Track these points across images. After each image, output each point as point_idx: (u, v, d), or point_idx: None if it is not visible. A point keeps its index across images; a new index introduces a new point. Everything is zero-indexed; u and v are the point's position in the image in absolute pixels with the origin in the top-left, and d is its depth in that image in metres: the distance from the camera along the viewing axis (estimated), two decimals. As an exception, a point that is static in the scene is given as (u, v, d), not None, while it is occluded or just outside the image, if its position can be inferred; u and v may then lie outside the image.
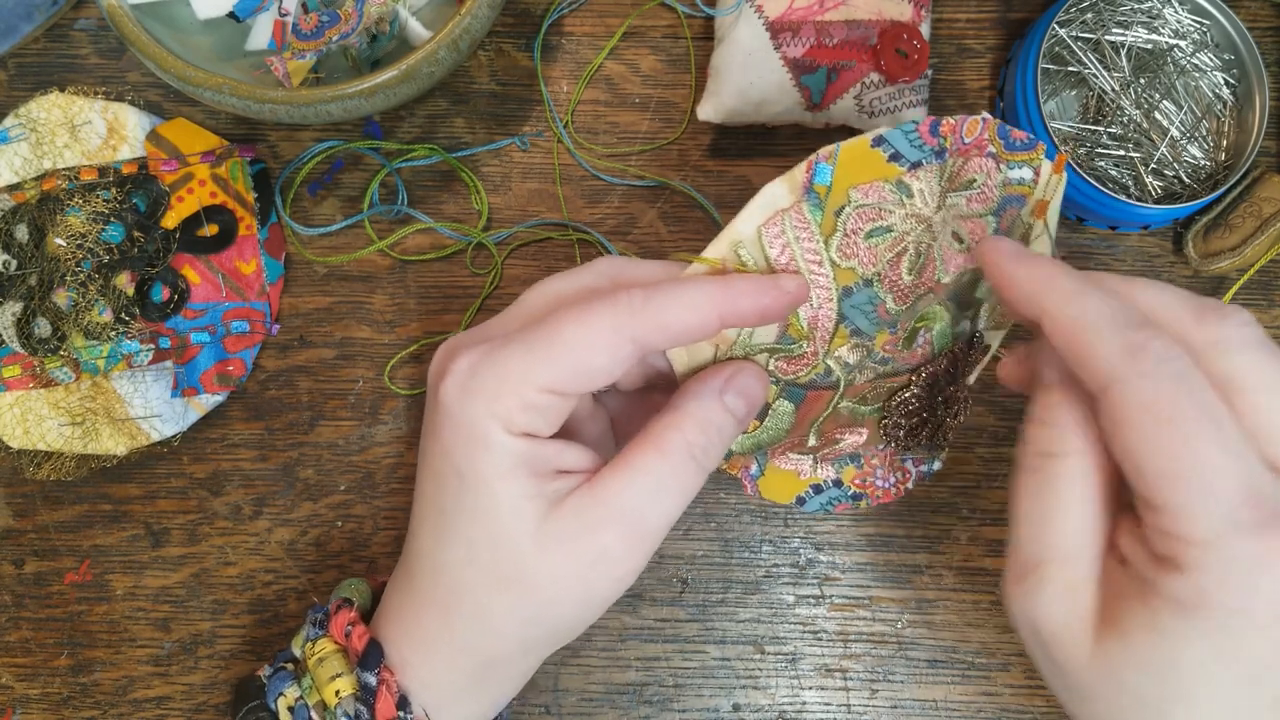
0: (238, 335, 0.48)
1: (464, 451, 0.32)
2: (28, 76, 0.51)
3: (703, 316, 0.31)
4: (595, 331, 0.31)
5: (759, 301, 0.32)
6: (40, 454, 0.47)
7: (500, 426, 0.31)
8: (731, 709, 0.47)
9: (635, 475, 0.32)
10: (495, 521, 0.32)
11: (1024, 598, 0.30)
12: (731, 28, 0.48)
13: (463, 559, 0.33)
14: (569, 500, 0.32)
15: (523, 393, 0.31)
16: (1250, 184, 0.48)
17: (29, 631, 0.48)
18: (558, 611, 0.33)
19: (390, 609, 0.36)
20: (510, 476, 0.32)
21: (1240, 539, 0.25)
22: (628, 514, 0.32)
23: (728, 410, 0.33)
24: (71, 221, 0.48)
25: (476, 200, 0.50)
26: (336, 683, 0.34)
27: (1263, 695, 0.27)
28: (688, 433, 0.32)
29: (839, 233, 0.33)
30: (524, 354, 0.31)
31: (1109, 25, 0.49)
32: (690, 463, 0.32)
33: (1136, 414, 0.26)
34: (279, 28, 0.46)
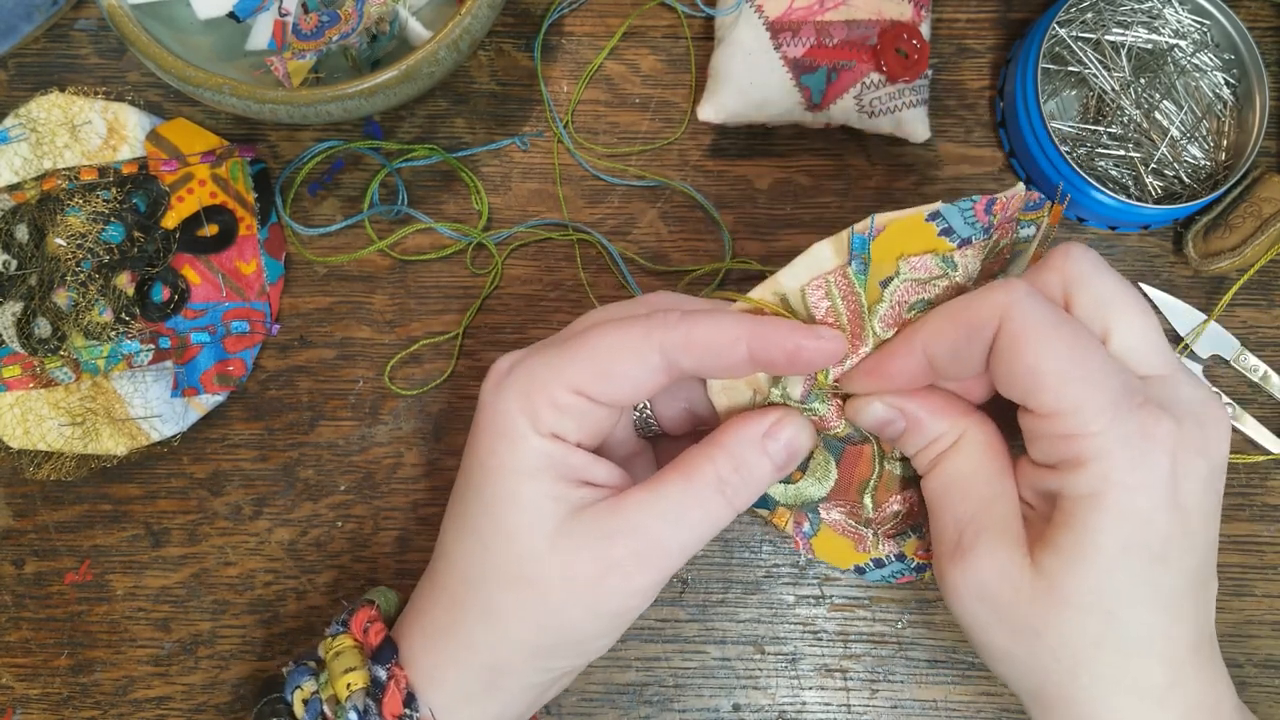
0: (238, 335, 0.48)
1: (490, 444, 0.32)
2: (28, 76, 0.51)
3: (732, 341, 0.31)
4: (624, 339, 0.32)
5: (792, 340, 0.31)
6: (40, 454, 0.47)
7: (528, 423, 0.32)
8: (731, 709, 0.47)
9: (659, 498, 0.32)
10: (512, 517, 0.32)
11: (963, 563, 0.32)
12: (731, 28, 0.48)
13: (477, 553, 0.33)
14: (590, 510, 0.32)
15: (552, 392, 0.32)
16: (1250, 184, 0.48)
17: (29, 631, 0.48)
18: (566, 618, 0.33)
19: (411, 607, 0.37)
20: (533, 475, 0.32)
21: (1127, 420, 0.29)
22: (646, 532, 0.32)
23: (767, 455, 0.33)
24: (71, 221, 0.48)
25: (476, 200, 0.50)
26: (349, 676, 0.35)
27: (1176, 575, 0.30)
28: (720, 466, 0.33)
29: (885, 303, 0.33)
30: (557, 356, 0.32)
31: (1109, 25, 0.49)
32: (717, 496, 0.33)
33: (1029, 330, 0.30)
34: (279, 28, 0.46)
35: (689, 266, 0.49)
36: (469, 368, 0.49)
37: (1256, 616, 0.47)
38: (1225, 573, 0.47)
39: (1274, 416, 0.48)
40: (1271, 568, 0.48)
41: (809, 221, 0.50)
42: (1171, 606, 0.30)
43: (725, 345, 0.31)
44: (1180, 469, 0.30)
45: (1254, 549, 0.48)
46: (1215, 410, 0.31)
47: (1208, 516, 0.31)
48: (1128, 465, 0.29)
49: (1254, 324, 0.49)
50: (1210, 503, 0.31)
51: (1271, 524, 0.48)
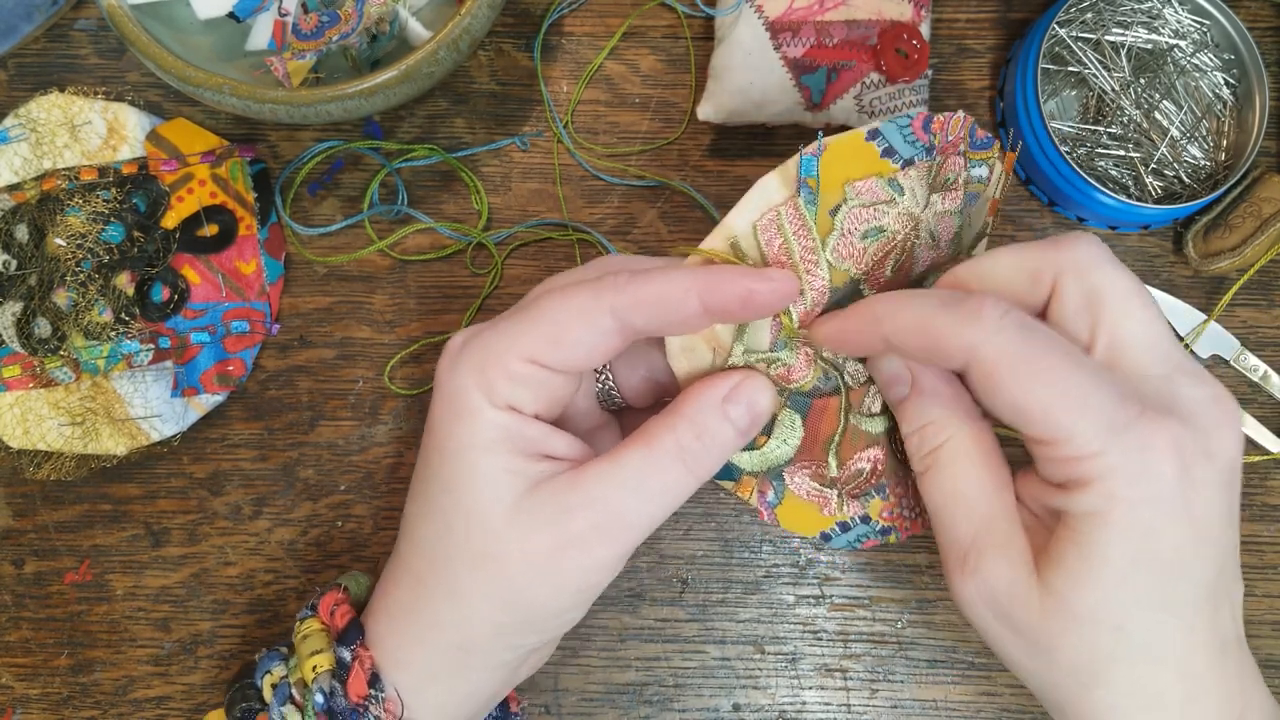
0: (238, 335, 0.48)
1: (447, 422, 0.32)
2: (28, 76, 0.51)
3: (682, 294, 0.31)
4: (574, 303, 0.31)
5: (742, 285, 0.31)
6: (40, 454, 0.47)
7: (483, 397, 0.31)
8: (731, 709, 0.47)
9: (618, 468, 0.32)
10: (471, 494, 0.32)
11: (972, 578, 0.32)
12: (731, 28, 0.48)
13: (439, 532, 0.33)
14: (549, 483, 0.32)
15: (506, 363, 0.31)
16: (1250, 184, 0.48)
17: (29, 631, 0.48)
18: (530, 596, 0.32)
19: (378, 589, 0.36)
20: (490, 449, 0.31)
21: (1124, 434, 0.28)
22: (605, 504, 0.31)
23: (728, 419, 0.33)
24: (71, 221, 0.48)
25: (476, 200, 0.50)
26: (315, 659, 0.34)
27: (1188, 585, 0.30)
28: (681, 434, 0.32)
29: (836, 232, 0.33)
30: (508, 328, 0.32)
31: (1109, 25, 0.49)
32: (677, 464, 0.32)
33: (1004, 368, 0.29)
34: (279, 28, 0.46)
35: (689, 266, 0.49)
36: (469, 368, 0.49)
37: (1256, 616, 0.47)
38: (1225, 573, 0.48)
39: (1274, 416, 0.48)
40: (1271, 567, 0.48)
41: (809, 221, 0.50)
42: (1186, 617, 0.30)
43: (676, 299, 0.31)
44: (1189, 476, 0.29)
45: (1254, 549, 0.48)
46: (1222, 407, 0.30)
47: (1224, 520, 0.30)
48: (1131, 480, 0.28)
49: (1254, 324, 0.49)
50: (1225, 505, 0.30)
51: (1271, 524, 0.48)
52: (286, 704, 0.35)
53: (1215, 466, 0.29)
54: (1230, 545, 0.31)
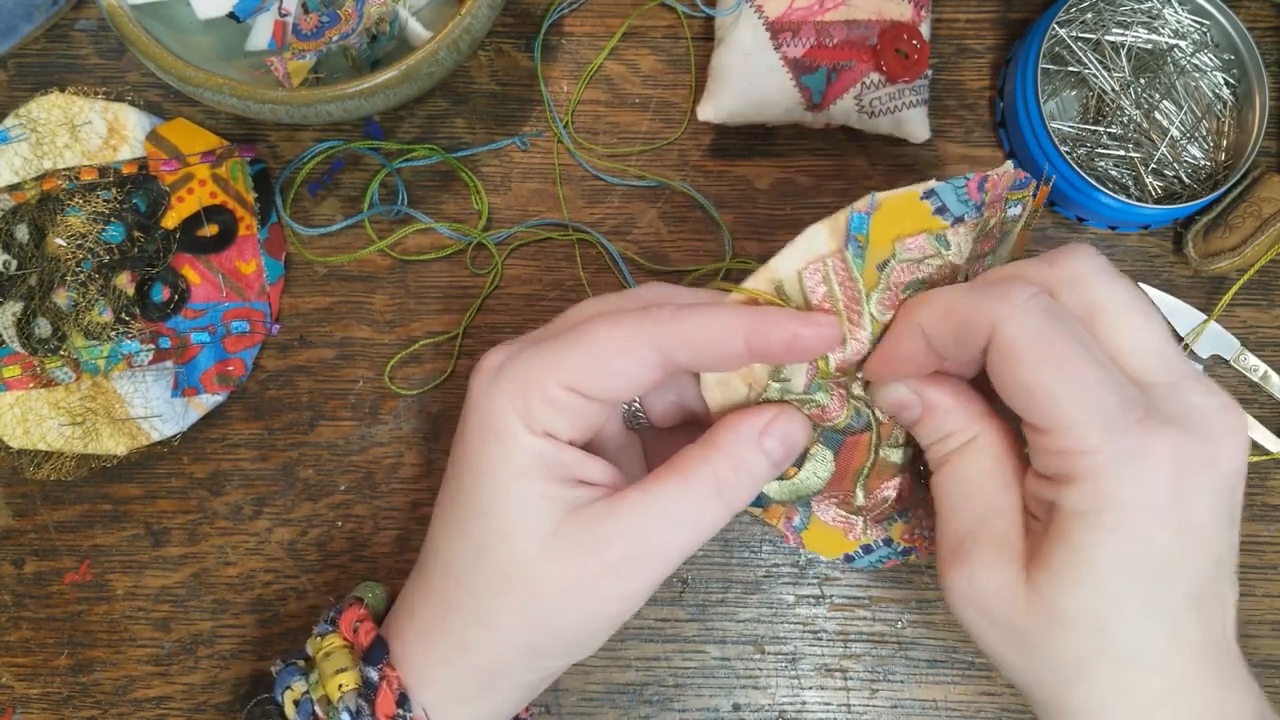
0: (238, 335, 0.48)
1: (482, 445, 0.32)
2: (28, 76, 0.51)
3: (729, 333, 0.31)
4: (619, 333, 0.31)
5: (789, 330, 0.31)
6: (40, 454, 0.47)
7: (520, 421, 0.31)
8: (731, 709, 0.47)
9: (655, 498, 0.32)
10: (506, 519, 0.32)
11: (961, 572, 0.32)
12: (731, 28, 0.48)
13: (471, 556, 0.33)
14: (585, 510, 0.32)
15: (545, 388, 0.31)
16: (1250, 184, 0.48)
17: (29, 631, 0.48)
18: (561, 621, 0.32)
19: (401, 606, 0.36)
20: (526, 475, 0.31)
21: (1123, 437, 0.28)
22: (640, 534, 0.31)
23: (764, 452, 0.33)
24: (72, 221, 0.48)
25: (476, 200, 0.50)
26: (340, 677, 0.34)
27: (1176, 591, 0.29)
28: (718, 467, 0.32)
29: (881, 286, 0.33)
30: (550, 352, 0.32)
31: (1109, 25, 0.49)
32: (714, 497, 0.32)
33: (1020, 346, 0.29)
34: (279, 28, 0.46)
35: (689, 266, 0.49)
36: (469, 368, 0.49)
37: (1256, 616, 0.47)
38: (1225, 573, 0.48)
39: (1274, 416, 0.48)
40: (1271, 567, 0.48)
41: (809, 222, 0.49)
42: (1170, 621, 0.29)
43: (721, 339, 0.31)
44: (1185, 484, 0.28)
45: (1254, 549, 0.48)
46: (1228, 418, 0.30)
47: (1221, 528, 0.30)
48: (1124, 484, 0.28)
49: (1254, 324, 0.49)
50: (1222, 514, 0.30)
51: (1271, 524, 0.48)
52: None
53: (1216, 474, 0.29)
54: (1226, 551, 0.30)
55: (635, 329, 0.31)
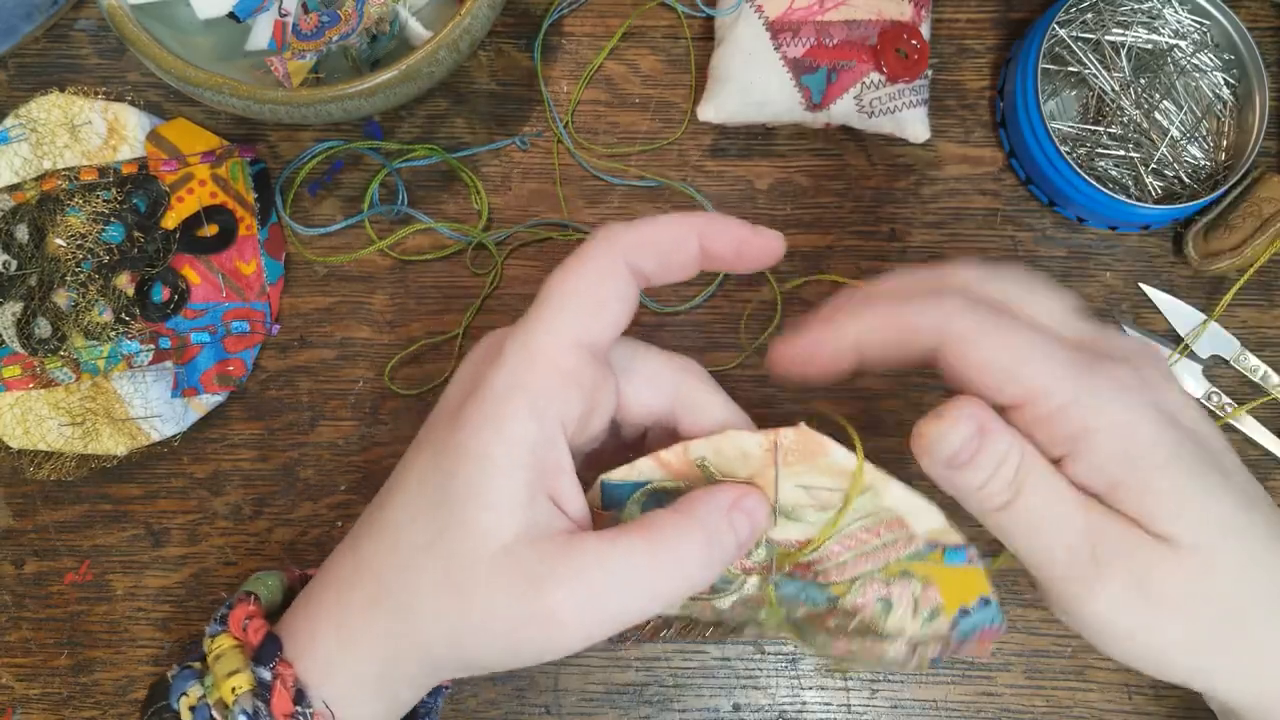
0: (238, 335, 0.48)
1: (479, 427, 0.30)
2: (28, 76, 0.51)
3: (685, 234, 0.32)
4: (591, 265, 0.31)
5: (738, 234, 0.32)
6: (40, 454, 0.47)
7: (527, 401, 0.30)
8: (731, 709, 0.47)
9: (620, 555, 0.30)
10: (477, 513, 0.30)
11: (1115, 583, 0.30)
12: (731, 28, 0.48)
13: (424, 541, 0.31)
14: (545, 542, 0.30)
15: (555, 355, 0.30)
16: (1250, 184, 0.48)
17: (29, 631, 0.48)
18: (480, 652, 0.31)
19: (320, 585, 0.34)
20: (514, 467, 0.30)
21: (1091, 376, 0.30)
22: (591, 587, 0.29)
23: (732, 529, 0.32)
24: (72, 222, 0.48)
25: (476, 200, 0.50)
26: (233, 679, 0.33)
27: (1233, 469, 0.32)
28: (685, 536, 0.31)
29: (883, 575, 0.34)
30: (544, 315, 0.31)
31: (1109, 25, 0.49)
32: (676, 567, 0.30)
33: (972, 334, 0.30)
34: (279, 28, 0.46)
35: (689, 266, 0.49)
36: (469, 368, 0.49)
37: (1256, 616, 0.47)
38: (1225, 573, 0.47)
39: (1274, 416, 0.48)
40: (1271, 568, 0.48)
41: (809, 222, 0.50)
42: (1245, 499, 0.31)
43: (677, 239, 0.32)
44: (1163, 399, 0.31)
45: (1254, 549, 0.48)
46: (1153, 351, 0.33)
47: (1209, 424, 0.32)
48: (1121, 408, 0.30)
49: (1254, 324, 0.49)
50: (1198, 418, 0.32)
51: (1271, 524, 0.48)
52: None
53: (1179, 392, 0.32)
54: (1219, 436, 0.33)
55: (603, 252, 0.31)
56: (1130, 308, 0.49)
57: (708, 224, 0.32)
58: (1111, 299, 0.49)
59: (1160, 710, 0.47)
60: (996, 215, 0.50)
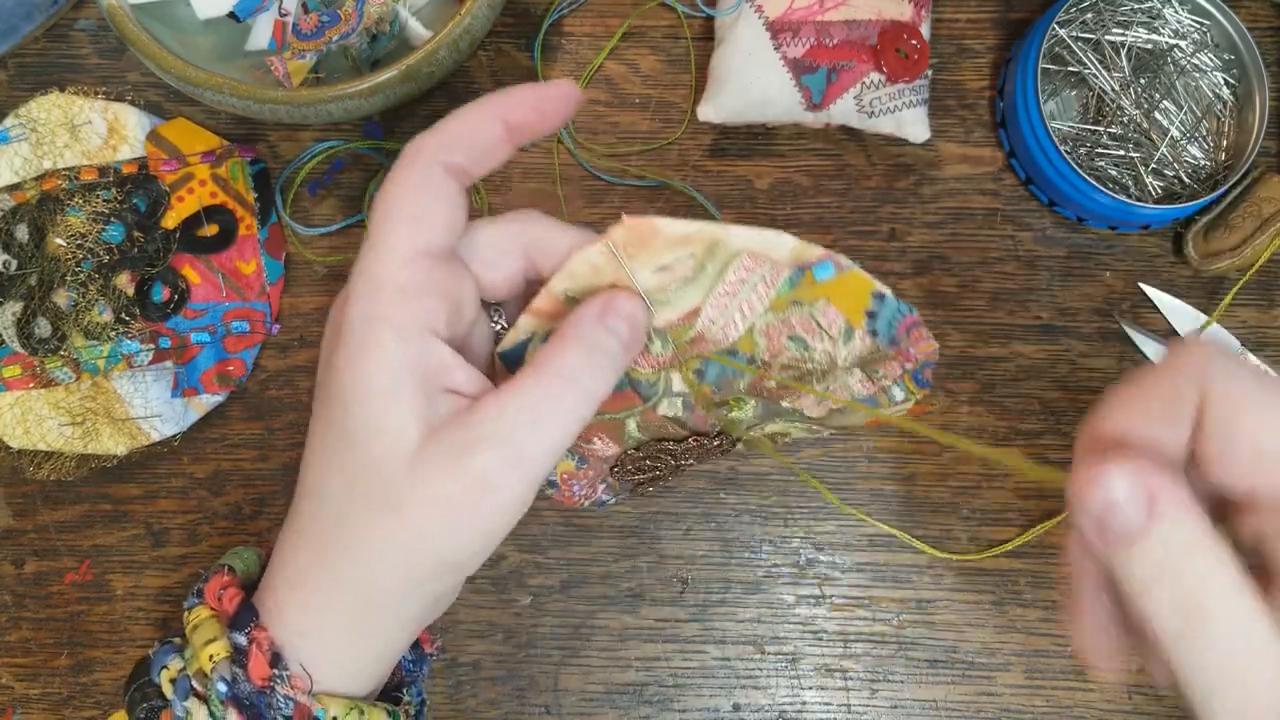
0: (238, 335, 0.48)
1: (347, 362, 0.31)
2: (28, 76, 0.51)
3: (486, 119, 0.32)
4: (403, 177, 0.31)
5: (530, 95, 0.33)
6: (40, 454, 0.47)
7: (386, 325, 0.30)
8: (731, 709, 0.47)
9: (512, 399, 0.31)
10: (373, 443, 0.31)
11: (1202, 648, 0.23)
12: (731, 28, 0.48)
13: (343, 486, 0.31)
14: (450, 423, 0.31)
15: (393, 273, 0.31)
16: (1250, 184, 0.48)
17: (29, 631, 0.48)
18: (436, 543, 0.31)
19: (274, 559, 0.35)
20: (394, 390, 0.30)
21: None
22: (504, 438, 0.30)
23: (611, 332, 0.32)
24: (72, 221, 0.48)
25: (477, 200, 0.50)
26: (210, 648, 0.33)
27: None
28: (568, 356, 0.31)
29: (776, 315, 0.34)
30: (371, 246, 0.31)
31: (1109, 25, 0.49)
32: (572, 388, 0.31)
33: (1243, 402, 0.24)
34: (279, 28, 0.46)
35: (689, 266, 0.49)
36: (469, 368, 0.49)
37: (1256, 616, 0.47)
38: (1225, 573, 0.48)
39: (1274, 416, 0.48)
40: (1271, 568, 0.48)
41: (809, 221, 0.50)
42: None
43: (480, 124, 0.32)
44: None
45: (1254, 549, 0.48)
46: None
47: None
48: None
49: (1254, 324, 0.49)
50: None
51: (1271, 524, 0.48)
52: (189, 698, 0.33)
53: None
54: None
55: (413, 160, 0.32)
56: (1130, 308, 0.49)
57: (502, 100, 0.33)
58: (1111, 299, 0.49)
59: (1160, 710, 0.47)
60: (996, 215, 0.50)
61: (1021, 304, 0.49)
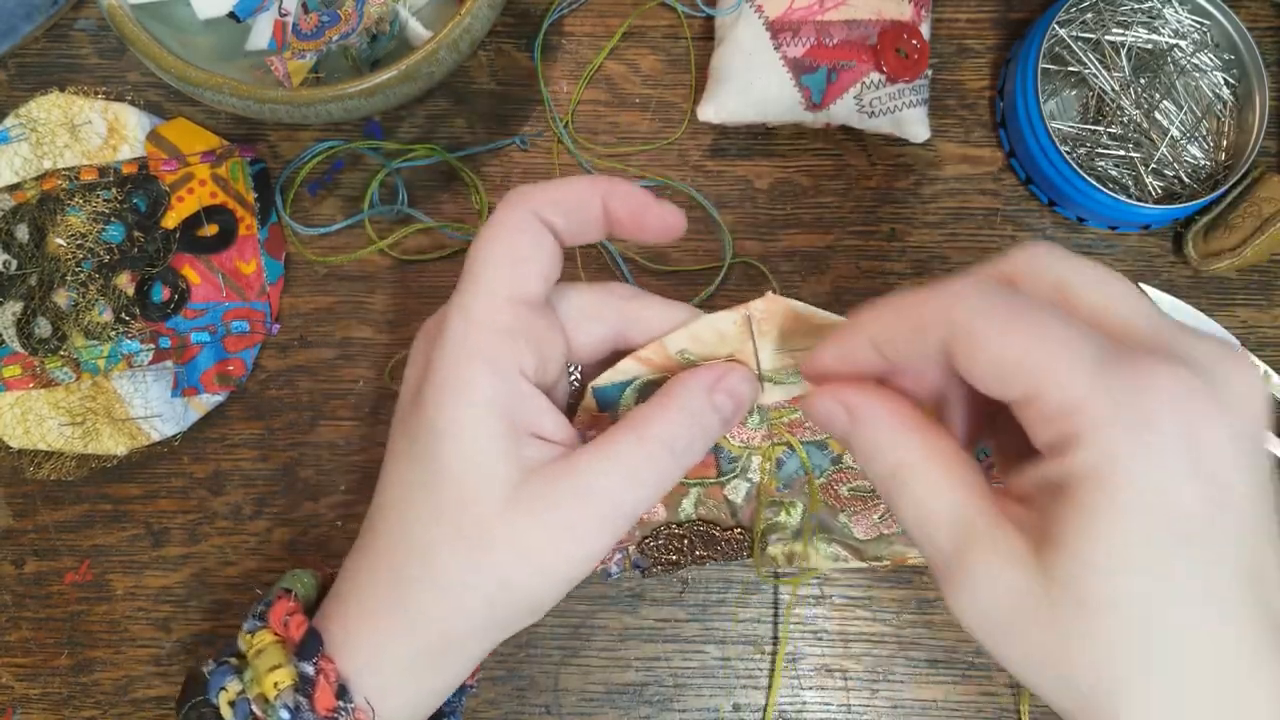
0: (238, 335, 0.48)
1: (442, 400, 0.31)
2: (28, 76, 0.51)
3: (588, 194, 0.33)
4: (505, 225, 0.32)
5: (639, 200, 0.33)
6: (41, 454, 0.47)
7: (481, 365, 0.31)
8: (732, 709, 0.47)
9: (612, 458, 0.32)
10: (465, 480, 0.31)
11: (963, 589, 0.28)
12: (731, 28, 0.48)
13: (429, 519, 0.32)
14: (544, 471, 0.31)
15: (491, 317, 0.31)
16: (1250, 184, 0.48)
17: (29, 631, 0.48)
18: (521, 586, 0.32)
19: (342, 587, 0.35)
20: (487, 429, 0.31)
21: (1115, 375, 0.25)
22: (601, 495, 0.31)
23: (715, 408, 0.33)
24: (72, 221, 0.48)
25: (476, 200, 0.50)
26: (275, 674, 0.33)
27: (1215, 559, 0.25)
28: (671, 424, 0.32)
29: None
30: (471, 286, 0.32)
31: (1109, 25, 0.49)
32: (668, 454, 0.32)
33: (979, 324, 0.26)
34: (279, 28, 0.46)
35: (689, 266, 0.49)
36: (469, 368, 0.49)
37: (1256, 616, 0.47)
38: (1225, 573, 0.48)
39: (1274, 416, 0.48)
40: (1271, 568, 0.48)
41: (809, 222, 0.50)
42: (1216, 600, 0.25)
43: (585, 198, 0.33)
44: (1196, 428, 0.24)
45: (1254, 549, 0.48)
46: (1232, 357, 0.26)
47: (1252, 486, 0.25)
48: (1129, 429, 0.24)
49: (1254, 324, 0.49)
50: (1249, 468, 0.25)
51: (1271, 524, 0.48)
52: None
53: (1231, 421, 0.25)
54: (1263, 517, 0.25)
55: (513, 211, 0.32)
56: (1130, 308, 0.49)
57: (610, 187, 0.33)
58: (1111, 299, 0.49)
59: (1160, 710, 0.47)
60: (996, 215, 0.50)
61: (1021, 304, 0.49)
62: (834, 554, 0.40)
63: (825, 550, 0.40)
